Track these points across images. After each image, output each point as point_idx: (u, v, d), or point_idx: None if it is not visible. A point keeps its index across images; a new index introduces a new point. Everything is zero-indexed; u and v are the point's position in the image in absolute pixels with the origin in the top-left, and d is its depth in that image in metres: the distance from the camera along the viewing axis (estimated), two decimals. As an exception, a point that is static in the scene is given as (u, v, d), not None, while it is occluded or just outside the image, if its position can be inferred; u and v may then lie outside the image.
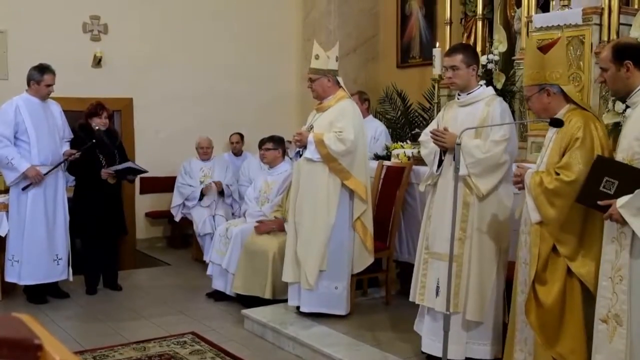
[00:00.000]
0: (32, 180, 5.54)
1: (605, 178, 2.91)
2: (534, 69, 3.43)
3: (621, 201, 2.84)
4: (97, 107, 6.04)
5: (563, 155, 3.24)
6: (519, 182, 3.40)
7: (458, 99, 4.15)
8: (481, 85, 4.13)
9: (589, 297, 3.19)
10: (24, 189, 5.57)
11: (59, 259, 5.73)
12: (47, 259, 5.66)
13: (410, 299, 4.21)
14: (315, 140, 4.76)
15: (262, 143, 6.26)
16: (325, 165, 4.78)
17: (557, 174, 3.21)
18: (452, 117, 4.10)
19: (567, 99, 3.38)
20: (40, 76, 5.61)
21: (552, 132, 3.39)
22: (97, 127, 5.97)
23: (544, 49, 3.48)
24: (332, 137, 4.74)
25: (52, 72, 5.67)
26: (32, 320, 1.24)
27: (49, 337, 1.18)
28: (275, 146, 6.05)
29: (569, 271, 3.22)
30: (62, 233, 5.79)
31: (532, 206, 3.28)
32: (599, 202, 2.94)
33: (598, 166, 2.98)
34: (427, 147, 4.16)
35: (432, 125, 4.27)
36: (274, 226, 5.59)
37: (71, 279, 5.89)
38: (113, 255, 6.29)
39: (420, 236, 4.21)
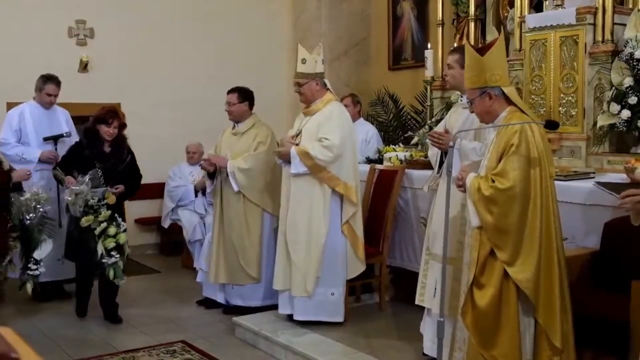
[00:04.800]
0: (49, 161, 5.77)
1: None
2: (473, 72, 3.37)
3: None
4: (108, 114, 5.29)
5: (500, 160, 3.21)
6: (461, 185, 3.36)
7: (461, 100, 4.14)
8: None
9: (525, 304, 3.19)
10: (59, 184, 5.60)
11: (63, 258, 5.75)
12: (53, 258, 5.62)
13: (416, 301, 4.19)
14: (299, 154, 4.68)
15: None
16: (313, 176, 4.70)
17: (493, 181, 3.19)
18: (455, 120, 4.11)
19: (509, 100, 3.35)
20: (42, 85, 5.96)
21: (492, 134, 3.36)
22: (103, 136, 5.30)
23: (482, 50, 3.43)
24: (317, 146, 4.66)
25: (55, 83, 5.96)
26: (12, 333, 1.22)
27: (28, 351, 1.15)
28: None
29: (505, 276, 3.18)
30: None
31: (473, 210, 3.26)
32: None
33: None
34: (433, 148, 4.17)
35: (440, 127, 4.27)
36: (214, 161, 5.43)
37: None
38: (112, 287, 5.33)
39: (425, 238, 4.21)
